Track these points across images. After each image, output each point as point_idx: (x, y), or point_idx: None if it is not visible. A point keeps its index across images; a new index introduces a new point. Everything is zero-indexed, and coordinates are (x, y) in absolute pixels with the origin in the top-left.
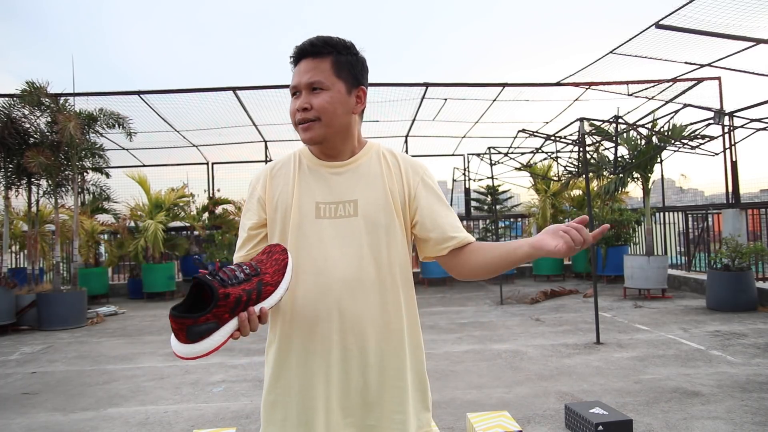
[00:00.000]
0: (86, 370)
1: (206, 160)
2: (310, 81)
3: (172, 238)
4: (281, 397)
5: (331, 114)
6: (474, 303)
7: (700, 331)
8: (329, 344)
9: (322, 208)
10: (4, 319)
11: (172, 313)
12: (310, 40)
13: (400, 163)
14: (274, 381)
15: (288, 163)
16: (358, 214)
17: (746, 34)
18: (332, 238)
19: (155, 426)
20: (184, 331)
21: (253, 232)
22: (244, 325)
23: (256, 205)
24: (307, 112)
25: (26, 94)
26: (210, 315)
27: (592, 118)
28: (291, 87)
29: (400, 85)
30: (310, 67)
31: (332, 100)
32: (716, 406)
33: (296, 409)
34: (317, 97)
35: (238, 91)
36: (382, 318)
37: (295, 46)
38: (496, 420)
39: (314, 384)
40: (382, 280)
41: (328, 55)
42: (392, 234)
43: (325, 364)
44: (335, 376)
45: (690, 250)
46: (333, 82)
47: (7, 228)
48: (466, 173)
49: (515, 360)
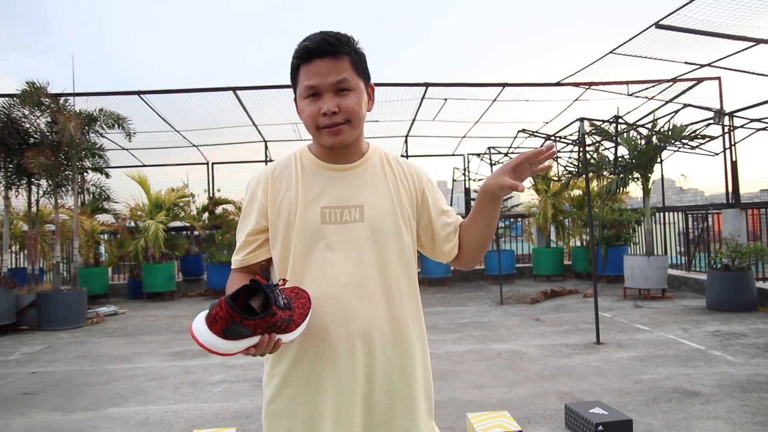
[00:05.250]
0: (86, 370)
1: (206, 160)
2: (337, 82)
3: (172, 238)
4: (286, 406)
5: (359, 116)
6: (474, 303)
7: (700, 331)
8: (336, 351)
9: (327, 213)
10: (4, 319)
11: (228, 301)
12: (324, 37)
13: (405, 169)
14: (279, 389)
15: (289, 165)
16: (364, 220)
17: (746, 34)
18: (338, 244)
19: (155, 426)
20: (226, 324)
21: (251, 237)
22: (262, 346)
23: (256, 211)
24: (336, 115)
25: (26, 94)
26: (253, 322)
27: (592, 118)
28: (308, 87)
29: (400, 85)
30: (332, 67)
31: (359, 101)
32: (716, 406)
33: (302, 418)
34: (345, 98)
35: (238, 91)
36: (389, 325)
37: (305, 44)
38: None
39: (321, 392)
40: (388, 287)
41: (346, 53)
42: (398, 240)
43: (332, 371)
44: (343, 383)
45: (690, 250)
46: (357, 82)
47: (7, 228)
48: (466, 173)
49: (515, 360)
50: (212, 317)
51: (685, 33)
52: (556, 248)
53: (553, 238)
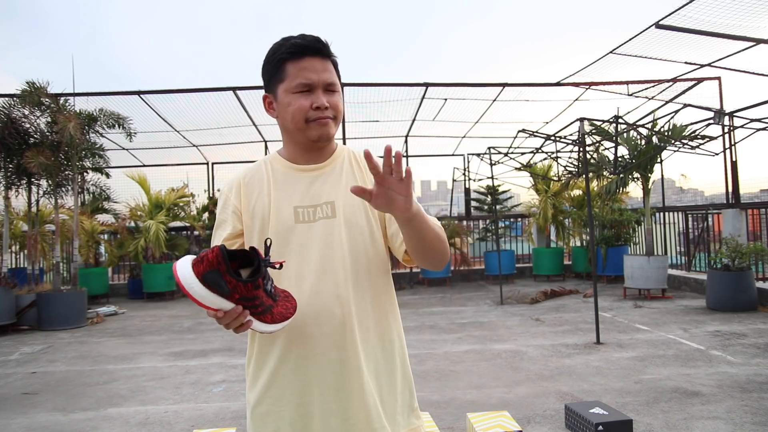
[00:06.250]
0: (86, 370)
1: (206, 160)
2: (328, 81)
3: (173, 238)
4: (273, 407)
5: (341, 116)
6: (474, 303)
7: (700, 331)
8: (319, 348)
9: (300, 212)
10: (4, 319)
11: (222, 248)
12: (315, 38)
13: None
14: (265, 391)
15: (260, 169)
16: (336, 215)
17: (746, 34)
18: (313, 242)
19: (155, 426)
20: (210, 268)
21: (230, 242)
22: (231, 316)
23: (231, 215)
24: (327, 110)
25: (26, 94)
26: (236, 284)
27: (592, 118)
28: (302, 83)
29: (400, 85)
30: (324, 66)
31: (342, 102)
32: (716, 406)
33: (290, 418)
34: (333, 97)
35: (238, 91)
36: (369, 318)
37: (296, 42)
38: (496, 420)
39: (307, 391)
40: (365, 281)
41: (331, 57)
42: (370, 234)
43: (316, 368)
44: (328, 378)
45: (690, 250)
46: (339, 85)
47: (7, 228)
48: (466, 173)
49: (515, 360)
50: (200, 257)
51: (685, 33)
52: (556, 248)
53: (553, 238)
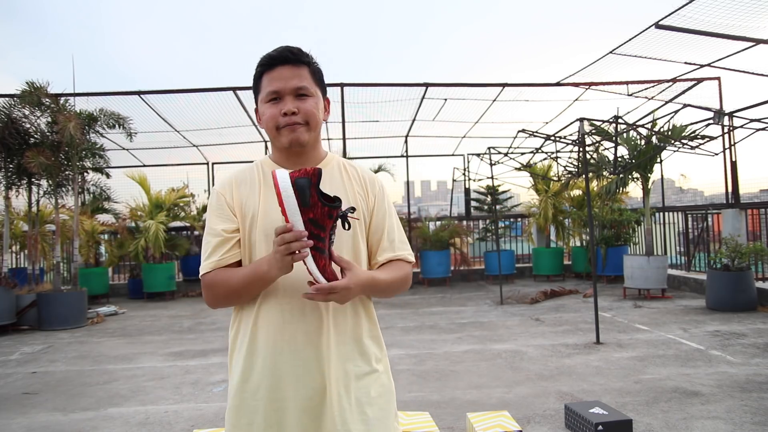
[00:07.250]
0: (86, 370)
1: (206, 160)
2: (297, 86)
3: (173, 238)
4: (247, 401)
5: (316, 120)
6: (474, 303)
7: (700, 331)
8: (295, 344)
9: None
10: (5, 319)
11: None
12: (286, 47)
13: (360, 174)
14: (241, 384)
15: (251, 172)
16: None
17: (746, 34)
18: None
19: (155, 426)
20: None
21: (229, 235)
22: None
23: (228, 210)
24: (295, 116)
25: (26, 94)
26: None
27: (592, 118)
28: (271, 92)
29: (400, 85)
30: (293, 73)
31: (317, 106)
32: (716, 406)
33: (264, 411)
34: (304, 102)
35: (238, 91)
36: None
37: (269, 54)
38: (496, 420)
39: (282, 386)
40: None
41: (305, 64)
42: (353, 238)
43: (292, 364)
44: (304, 375)
45: (690, 250)
46: (315, 90)
47: (7, 228)
48: (466, 173)
49: (515, 360)
50: (302, 169)
51: (685, 33)
52: (556, 248)
53: (553, 238)
